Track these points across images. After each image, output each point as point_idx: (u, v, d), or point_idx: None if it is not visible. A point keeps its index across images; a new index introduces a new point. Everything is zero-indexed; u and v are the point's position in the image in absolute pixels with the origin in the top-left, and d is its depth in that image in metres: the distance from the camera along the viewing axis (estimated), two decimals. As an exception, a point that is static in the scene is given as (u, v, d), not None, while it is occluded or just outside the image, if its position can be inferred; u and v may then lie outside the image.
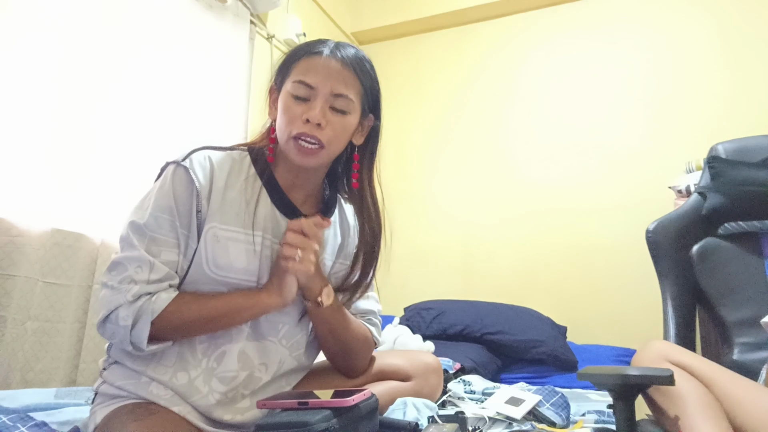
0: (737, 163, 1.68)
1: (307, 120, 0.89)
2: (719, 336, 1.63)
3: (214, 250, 0.91)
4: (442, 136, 3.18)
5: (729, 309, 1.58)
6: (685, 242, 1.68)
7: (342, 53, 0.93)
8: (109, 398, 0.90)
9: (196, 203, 0.91)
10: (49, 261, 1.54)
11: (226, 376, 0.92)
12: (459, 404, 1.29)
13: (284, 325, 0.99)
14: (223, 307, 0.91)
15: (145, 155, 1.87)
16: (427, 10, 3.24)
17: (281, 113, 0.93)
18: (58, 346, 1.55)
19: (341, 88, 0.92)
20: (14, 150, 1.53)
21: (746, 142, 1.76)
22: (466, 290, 2.77)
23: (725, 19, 2.62)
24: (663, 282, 1.65)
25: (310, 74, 0.91)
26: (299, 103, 0.91)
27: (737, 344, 1.52)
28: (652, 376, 0.94)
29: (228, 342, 0.93)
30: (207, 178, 0.92)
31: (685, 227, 1.70)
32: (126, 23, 1.88)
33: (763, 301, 1.55)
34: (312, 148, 0.91)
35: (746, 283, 1.59)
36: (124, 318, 0.84)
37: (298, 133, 0.90)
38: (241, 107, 2.38)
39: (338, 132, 0.93)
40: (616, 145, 2.73)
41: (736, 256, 1.64)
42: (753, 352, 1.48)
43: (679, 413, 0.97)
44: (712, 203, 1.67)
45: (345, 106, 0.93)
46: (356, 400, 0.81)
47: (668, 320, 1.57)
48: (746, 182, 1.63)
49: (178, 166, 0.91)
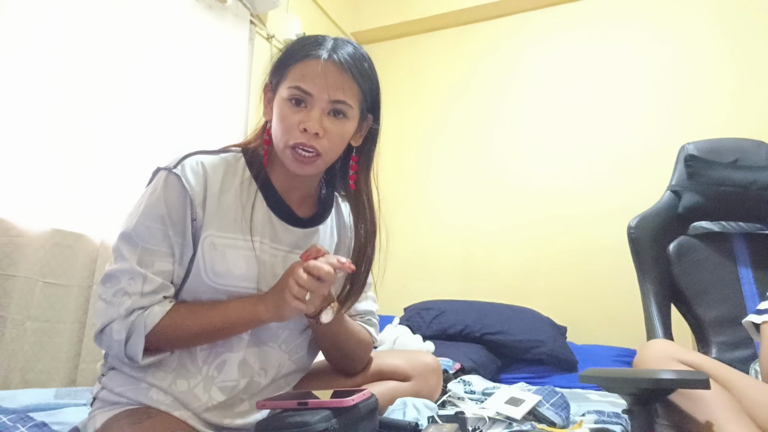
0: (714, 162, 1.69)
1: (304, 129, 0.87)
2: (695, 335, 1.63)
3: (212, 259, 0.89)
4: (441, 136, 3.18)
5: (704, 308, 1.58)
6: (662, 239, 1.68)
7: (340, 55, 0.89)
8: (109, 404, 0.89)
9: (191, 211, 0.88)
10: (49, 261, 1.54)
11: (227, 385, 0.91)
12: (459, 404, 1.29)
13: (284, 330, 0.98)
14: (219, 321, 0.88)
15: (145, 155, 1.87)
16: (426, 10, 3.24)
17: (277, 120, 0.91)
18: (58, 347, 1.55)
19: (339, 94, 0.88)
20: (14, 150, 1.53)
21: (716, 143, 1.77)
22: (466, 290, 2.76)
23: (727, 19, 2.62)
24: (645, 279, 1.63)
25: (306, 80, 0.87)
26: (295, 111, 0.88)
27: (714, 343, 1.53)
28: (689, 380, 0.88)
29: (228, 351, 0.92)
30: (200, 185, 0.89)
31: (661, 224, 1.70)
32: (126, 23, 1.88)
33: (736, 300, 1.56)
34: (309, 156, 0.89)
35: (720, 283, 1.60)
36: (117, 332, 0.84)
37: (295, 143, 0.88)
38: (240, 107, 2.38)
39: (335, 140, 0.91)
40: (616, 146, 2.73)
41: (709, 255, 1.65)
42: (731, 351, 1.49)
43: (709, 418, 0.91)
44: (689, 202, 1.67)
45: (343, 109, 0.90)
46: (356, 400, 0.81)
47: (653, 319, 1.55)
48: (723, 182, 1.64)
49: (170, 173, 0.89)
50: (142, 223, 0.87)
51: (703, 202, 1.66)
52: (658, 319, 1.54)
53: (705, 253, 1.65)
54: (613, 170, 2.72)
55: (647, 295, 1.60)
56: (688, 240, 1.68)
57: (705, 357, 1.08)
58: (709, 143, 1.77)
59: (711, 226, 1.68)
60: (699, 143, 1.77)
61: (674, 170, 1.79)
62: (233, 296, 0.91)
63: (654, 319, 1.54)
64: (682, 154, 1.79)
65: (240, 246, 0.91)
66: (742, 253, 1.65)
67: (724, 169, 1.66)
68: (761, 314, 1.23)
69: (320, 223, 1.02)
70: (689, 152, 1.76)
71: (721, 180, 1.64)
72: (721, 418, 0.91)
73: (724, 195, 1.64)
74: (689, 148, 1.77)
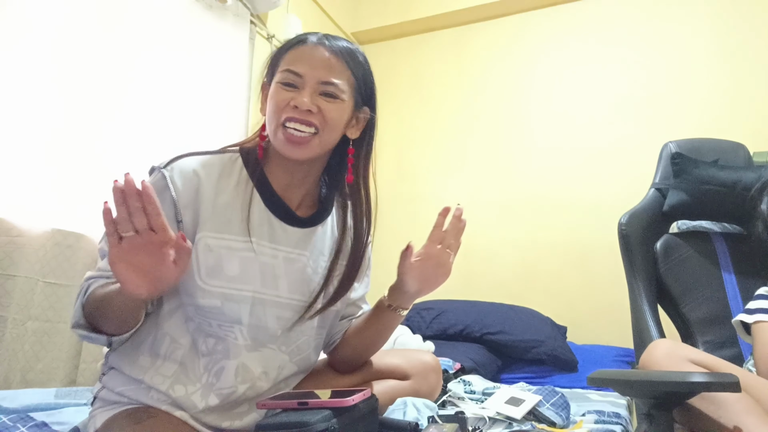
0: (699, 161, 1.68)
1: (295, 107, 0.87)
2: (681, 334, 1.63)
3: (206, 261, 0.88)
4: (441, 136, 3.18)
5: (690, 307, 1.58)
6: (650, 237, 1.68)
7: (331, 42, 0.92)
8: (110, 403, 0.89)
9: (174, 212, 0.87)
10: (49, 261, 1.54)
11: (223, 392, 0.90)
12: (459, 404, 1.29)
13: (284, 332, 0.96)
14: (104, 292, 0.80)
15: (145, 155, 1.86)
16: (427, 10, 3.24)
17: (268, 102, 0.91)
18: (58, 346, 1.55)
19: (330, 75, 0.89)
20: (14, 150, 1.53)
21: (697, 143, 1.78)
22: (466, 290, 2.76)
23: (721, 21, 2.62)
24: (635, 277, 1.61)
25: (297, 63, 0.89)
26: (286, 91, 0.89)
27: (701, 342, 1.53)
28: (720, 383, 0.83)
29: (225, 357, 0.91)
30: (190, 187, 0.88)
31: (648, 222, 1.69)
32: (126, 24, 1.88)
33: (720, 300, 1.56)
34: (302, 136, 0.88)
35: (705, 283, 1.60)
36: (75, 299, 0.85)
37: (286, 117, 0.87)
38: (241, 107, 2.38)
39: (330, 117, 0.89)
40: (616, 145, 2.73)
41: (692, 254, 1.64)
42: (718, 349, 1.49)
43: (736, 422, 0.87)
44: (675, 200, 1.66)
45: (335, 91, 0.90)
46: (356, 400, 0.81)
47: (647, 318, 1.53)
48: (708, 181, 1.63)
49: (157, 172, 0.89)
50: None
51: (688, 200, 1.65)
52: (651, 318, 1.52)
53: (689, 251, 1.64)
54: (614, 170, 2.71)
55: (638, 293, 1.58)
56: (673, 239, 1.67)
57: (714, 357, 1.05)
58: (691, 142, 1.78)
59: (692, 224, 1.69)
60: (681, 142, 1.78)
61: (657, 168, 1.78)
62: (226, 299, 0.89)
63: (647, 318, 1.52)
64: (665, 151, 1.79)
65: (237, 247, 0.90)
66: (724, 253, 1.65)
67: (710, 168, 1.65)
68: (752, 314, 1.23)
69: (320, 223, 1.01)
70: (672, 150, 1.76)
71: (707, 179, 1.63)
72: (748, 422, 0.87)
73: (709, 194, 1.62)
74: (671, 146, 1.77)
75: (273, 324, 0.94)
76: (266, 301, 0.93)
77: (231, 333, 0.91)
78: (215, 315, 0.89)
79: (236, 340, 0.91)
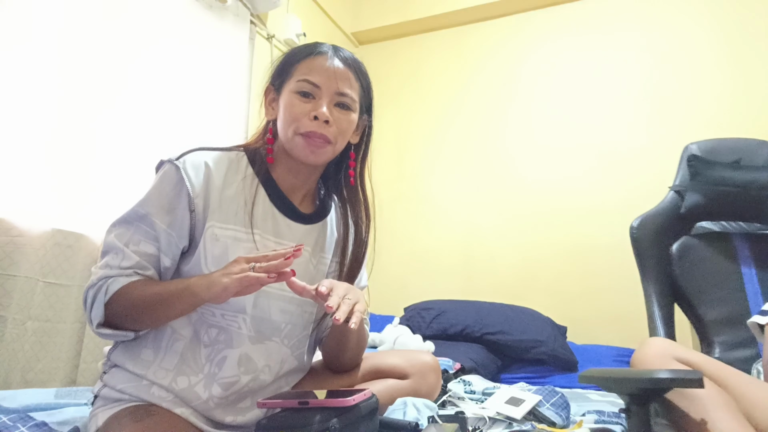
0: (715, 163, 1.69)
1: (314, 117, 0.92)
2: (698, 334, 1.64)
3: (213, 250, 0.91)
4: (441, 136, 3.18)
5: (706, 308, 1.59)
6: (665, 239, 1.69)
7: (342, 54, 0.98)
8: (111, 401, 0.89)
9: (188, 203, 0.90)
10: (49, 261, 1.54)
11: (225, 381, 0.92)
12: (459, 404, 1.29)
13: (288, 325, 0.99)
14: (159, 290, 0.85)
15: (145, 155, 1.86)
16: (427, 10, 3.24)
17: (284, 110, 0.95)
18: (58, 346, 1.55)
19: (345, 86, 0.95)
20: (14, 150, 1.53)
21: (718, 143, 1.78)
22: (466, 290, 2.76)
23: (726, 19, 2.62)
24: (646, 279, 1.65)
25: (314, 73, 0.94)
26: (304, 101, 0.93)
27: (717, 343, 1.54)
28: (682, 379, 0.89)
29: (228, 347, 0.92)
30: (201, 178, 0.91)
31: (664, 224, 1.71)
32: (126, 23, 1.88)
33: (739, 300, 1.57)
34: (320, 142, 0.93)
35: (722, 283, 1.61)
36: (89, 298, 0.87)
37: (306, 131, 0.92)
38: (241, 107, 2.38)
39: (344, 128, 0.96)
40: (616, 145, 2.73)
41: (711, 255, 1.66)
42: (734, 350, 1.49)
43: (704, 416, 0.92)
44: (691, 202, 1.67)
45: (349, 102, 0.96)
46: (356, 400, 0.81)
47: (655, 319, 1.58)
48: (724, 182, 1.65)
49: (171, 164, 0.91)
50: (136, 210, 0.90)
51: (705, 202, 1.66)
52: (659, 319, 1.55)
53: (707, 252, 1.65)
54: (614, 170, 2.72)
55: (649, 295, 1.62)
56: (691, 240, 1.68)
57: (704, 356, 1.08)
58: (712, 143, 1.78)
59: (712, 226, 1.69)
60: (702, 143, 1.78)
61: (678, 170, 1.79)
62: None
63: (656, 319, 1.55)
64: (685, 154, 1.79)
65: (241, 238, 0.93)
66: (745, 253, 1.66)
67: (724, 169, 1.67)
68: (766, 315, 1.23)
69: (321, 220, 1.05)
70: (692, 152, 1.76)
71: (721, 180, 1.65)
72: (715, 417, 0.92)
73: (725, 195, 1.65)
74: (692, 148, 1.77)
75: (277, 317, 0.97)
76: (270, 294, 0.96)
77: (234, 322, 0.93)
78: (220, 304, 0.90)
79: (240, 329, 0.93)
